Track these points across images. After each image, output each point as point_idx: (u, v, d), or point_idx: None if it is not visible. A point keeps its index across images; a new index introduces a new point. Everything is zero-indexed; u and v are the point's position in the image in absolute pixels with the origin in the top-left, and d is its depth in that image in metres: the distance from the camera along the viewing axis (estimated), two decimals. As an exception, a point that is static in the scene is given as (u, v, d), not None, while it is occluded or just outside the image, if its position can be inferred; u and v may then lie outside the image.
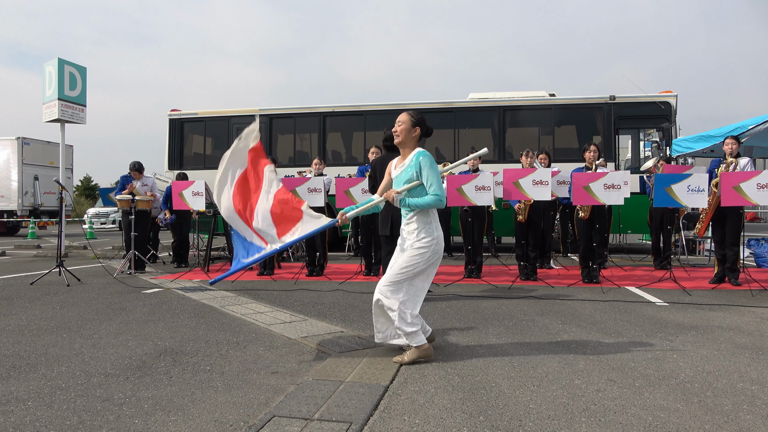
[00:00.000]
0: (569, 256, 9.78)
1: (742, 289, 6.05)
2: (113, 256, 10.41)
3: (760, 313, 4.80)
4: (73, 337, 4.00)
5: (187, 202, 7.48)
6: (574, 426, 2.36)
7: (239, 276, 7.36)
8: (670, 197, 6.09)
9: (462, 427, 2.36)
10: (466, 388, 2.86)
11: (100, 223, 21.94)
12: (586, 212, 6.60)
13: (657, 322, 4.43)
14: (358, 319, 4.63)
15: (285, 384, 2.93)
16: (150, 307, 5.23)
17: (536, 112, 11.26)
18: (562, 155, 10.44)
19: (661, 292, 5.89)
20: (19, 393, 2.81)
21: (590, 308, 5.06)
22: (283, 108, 12.14)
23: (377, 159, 5.47)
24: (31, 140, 18.08)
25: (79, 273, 7.58)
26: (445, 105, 11.56)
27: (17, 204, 17.68)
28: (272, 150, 11.91)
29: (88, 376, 3.09)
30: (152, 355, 3.53)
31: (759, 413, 2.51)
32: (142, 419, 2.46)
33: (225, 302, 5.45)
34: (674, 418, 2.45)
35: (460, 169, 7.30)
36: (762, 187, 5.82)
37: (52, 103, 10.70)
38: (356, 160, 11.29)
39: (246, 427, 2.37)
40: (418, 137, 3.44)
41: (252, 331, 4.22)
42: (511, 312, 4.88)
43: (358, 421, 2.40)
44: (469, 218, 7.04)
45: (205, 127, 12.46)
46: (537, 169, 6.54)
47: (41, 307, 5.22)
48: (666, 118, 10.25)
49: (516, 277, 6.88)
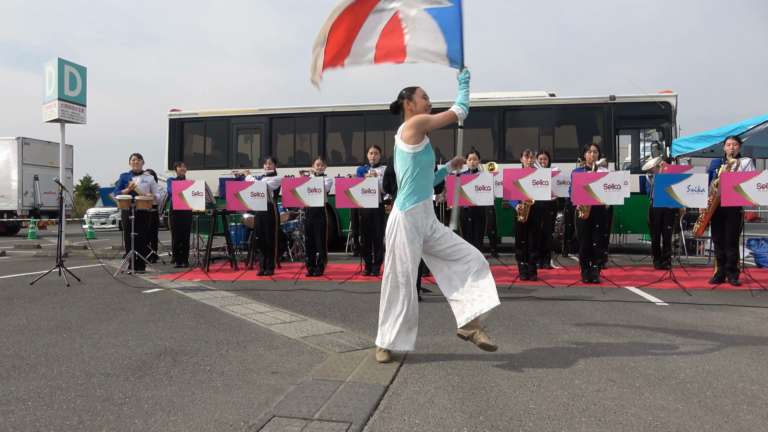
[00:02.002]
0: (569, 256, 9.79)
1: (742, 289, 6.05)
2: (113, 256, 10.42)
3: (760, 313, 4.80)
4: (73, 337, 4.00)
5: (187, 202, 7.48)
6: (574, 426, 2.36)
7: (239, 276, 7.37)
8: (670, 197, 6.09)
9: (462, 427, 2.36)
10: (466, 388, 2.86)
11: (100, 223, 21.94)
12: (585, 212, 6.60)
13: (657, 322, 4.43)
14: (358, 319, 4.64)
15: (285, 384, 2.93)
16: (150, 307, 5.23)
17: (536, 112, 11.25)
18: (562, 155, 10.44)
19: (661, 292, 5.89)
20: (19, 393, 2.81)
21: (590, 308, 5.06)
22: (283, 108, 12.14)
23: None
24: (31, 140, 18.08)
25: (79, 273, 7.58)
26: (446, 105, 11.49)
27: (17, 204, 17.68)
28: (272, 150, 11.91)
29: (88, 376, 3.09)
30: (152, 355, 3.53)
31: (759, 413, 2.51)
32: (142, 419, 2.46)
33: (225, 302, 5.45)
34: (674, 418, 2.45)
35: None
36: (762, 187, 5.82)
37: (52, 103, 10.70)
38: (356, 160, 11.29)
39: (246, 427, 2.37)
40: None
41: (252, 331, 4.22)
42: (511, 312, 4.88)
43: (358, 421, 2.40)
44: (469, 218, 7.04)
45: (205, 127, 12.46)
46: (537, 169, 6.54)
47: (41, 307, 5.22)
48: (666, 118, 10.25)
49: (516, 277, 6.88)
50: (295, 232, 9.97)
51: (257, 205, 7.20)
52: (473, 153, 7.14)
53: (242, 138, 12.41)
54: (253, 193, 7.16)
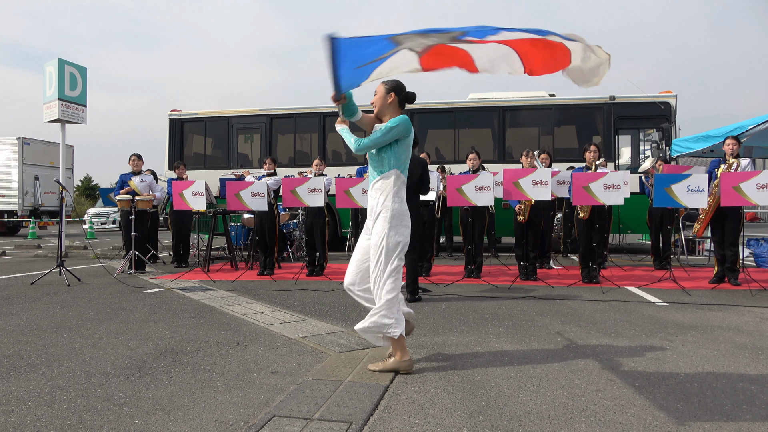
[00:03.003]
0: (569, 256, 9.79)
1: (742, 289, 6.05)
2: (113, 256, 10.42)
3: (759, 313, 4.80)
4: (74, 337, 4.01)
5: (187, 202, 7.48)
6: (574, 426, 2.36)
7: (239, 276, 7.37)
8: (669, 197, 6.09)
9: (462, 426, 2.37)
10: (466, 388, 2.86)
11: (101, 223, 21.92)
12: (585, 212, 6.60)
13: (657, 322, 4.43)
14: (359, 319, 4.61)
15: (285, 384, 2.94)
16: (150, 307, 5.23)
17: (536, 112, 11.26)
18: (562, 155, 10.44)
19: (661, 292, 5.90)
20: (20, 393, 2.81)
21: (590, 308, 5.06)
22: (283, 108, 12.14)
23: None
24: (32, 140, 18.08)
25: (80, 273, 7.58)
26: (445, 105, 11.56)
27: (17, 204, 17.67)
28: (272, 150, 11.91)
29: (88, 375, 3.09)
30: (152, 355, 3.53)
31: (759, 413, 2.51)
32: (143, 419, 2.46)
33: (225, 302, 5.45)
34: (674, 418, 2.45)
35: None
36: (762, 187, 5.82)
37: (52, 103, 10.70)
38: (356, 160, 11.29)
39: (246, 426, 2.37)
40: (397, 103, 3.30)
41: (252, 331, 4.22)
42: (511, 312, 4.89)
43: (358, 421, 2.41)
44: (469, 218, 7.05)
45: (205, 127, 12.46)
46: (537, 169, 6.54)
47: (41, 307, 5.22)
48: (666, 118, 10.25)
49: (516, 277, 6.88)
50: (295, 232, 9.97)
51: (257, 205, 7.20)
52: (473, 153, 7.14)
53: (242, 138, 12.41)
54: (253, 193, 7.16)
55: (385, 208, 3.16)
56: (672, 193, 6.07)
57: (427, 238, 7.34)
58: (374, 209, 3.21)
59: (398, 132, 3.17)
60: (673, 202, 6.12)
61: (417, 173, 5.28)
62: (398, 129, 3.16)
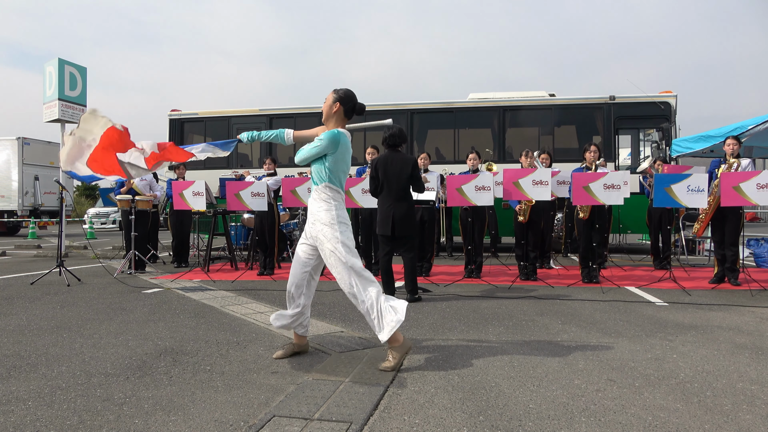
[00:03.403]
0: (569, 256, 9.79)
1: (742, 289, 6.05)
2: (113, 256, 10.42)
3: (759, 313, 4.80)
4: (74, 337, 4.01)
5: (187, 202, 7.48)
6: (574, 426, 2.36)
7: (239, 276, 7.37)
8: (670, 197, 6.09)
9: (462, 426, 2.37)
10: (466, 388, 2.86)
11: (101, 223, 21.93)
12: (585, 212, 6.60)
13: (657, 322, 4.43)
14: (358, 319, 4.63)
15: (285, 384, 2.94)
16: (150, 307, 5.23)
17: (536, 113, 11.26)
18: (562, 155, 10.44)
19: (661, 292, 5.90)
20: (20, 393, 2.81)
21: (590, 308, 5.06)
22: (283, 108, 12.14)
23: (378, 158, 5.42)
24: (32, 140, 18.08)
25: (80, 273, 7.58)
26: (445, 105, 11.56)
27: (17, 204, 17.68)
28: (272, 150, 11.92)
29: (88, 375, 3.09)
30: (152, 355, 3.53)
31: (759, 413, 2.51)
32: (143, 419, 2.46)
33: (225, 302, 5.45)
34: (674, 418, 2.45)
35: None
36: (762, 187, 5.82)
37: (52, 103, 10.70)
38: (356, 160, 11.23)
39: (246, 427, 2.37)
40: (342, 114, 3.35)
41: (252, 331, 4.22)
42: (511, 312, 4.89)
43: (358, 421, 2.41)
44: (469, 218, 7.04)
45: (205, 127, 12.46)
46: (537, 169, 6.54)
47: (41, 307, 5.22)
48: (666, 118, 10.25)
49: (516, 277, 6.88)
50: (295, 232, 9.96)
51: (257, 205, 7.19)
52: (473, 153, 7.14)
53: None
54: (253, 193, 7.15)
55: (319, 220, 3.28)
56: (672, 193, 6.07)
57: (427, 238, 7.34)
58: (313, 214, 3.33)
59: (323, 148, 3.22)
60: (674, 202, 6.11)
61: (407, 172, 5.25)
62: (323, 145, 3.22)
